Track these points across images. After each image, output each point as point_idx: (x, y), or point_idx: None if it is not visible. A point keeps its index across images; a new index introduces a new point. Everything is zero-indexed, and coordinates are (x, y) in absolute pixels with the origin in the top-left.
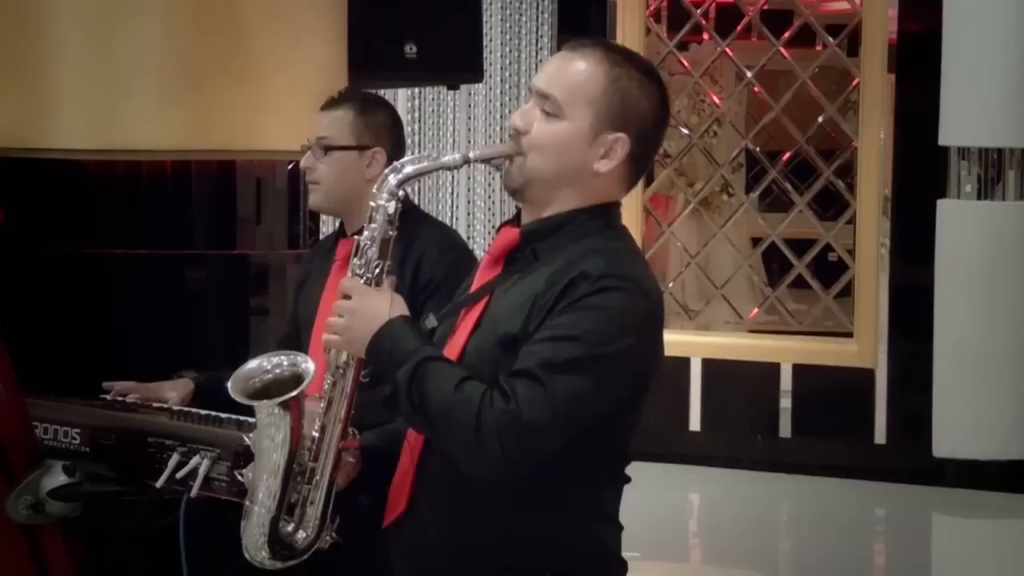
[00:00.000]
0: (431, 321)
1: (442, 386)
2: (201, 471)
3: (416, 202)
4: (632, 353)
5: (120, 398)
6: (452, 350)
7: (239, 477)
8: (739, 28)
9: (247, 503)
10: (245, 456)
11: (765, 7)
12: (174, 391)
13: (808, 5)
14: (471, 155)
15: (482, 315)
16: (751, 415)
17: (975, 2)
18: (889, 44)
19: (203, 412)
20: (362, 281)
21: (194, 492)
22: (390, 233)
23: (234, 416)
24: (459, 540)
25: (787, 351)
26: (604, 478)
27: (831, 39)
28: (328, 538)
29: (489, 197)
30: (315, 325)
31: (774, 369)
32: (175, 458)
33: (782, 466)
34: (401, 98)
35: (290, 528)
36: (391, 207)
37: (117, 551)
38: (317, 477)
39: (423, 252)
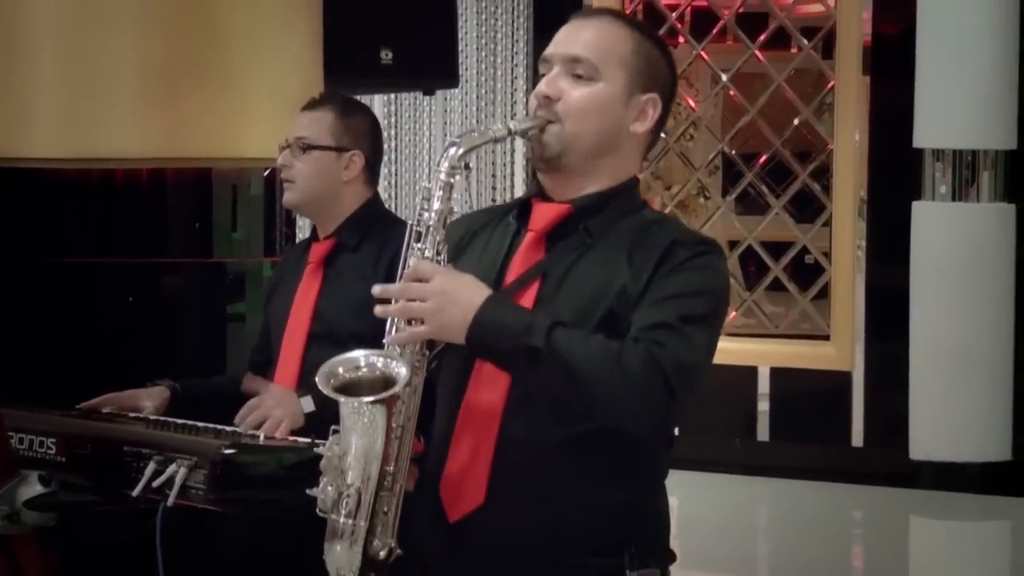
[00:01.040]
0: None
1: (586, 345)
2: (178, 480)
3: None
4: (725, 312)
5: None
6: None
7: (309, 492)
8: (714, 31)
9: (333, 517)
10: (223, 465)
11: (740, 10)
12: (149, 400)
13: (783, 8)
14: (511, 125)
15: (541, 299)
16: (729, 418)
17: (949, 4)
18: (864, 46)
19: (179, 421)
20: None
21: (171, 501)
22: (451, 211)
23: (211, 425)
24: (545, 526)
25: (764, 354)
26: (663, 447)
27: (806, 42)
28: (398, 551)
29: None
30: (286, 329)
31: (752, 372)
32: (151, 467)
33: (760, 469)
34: (377, 104)
35: (375, 543)
36: (455, 180)
37: (94, 561)
38: (397, 484)
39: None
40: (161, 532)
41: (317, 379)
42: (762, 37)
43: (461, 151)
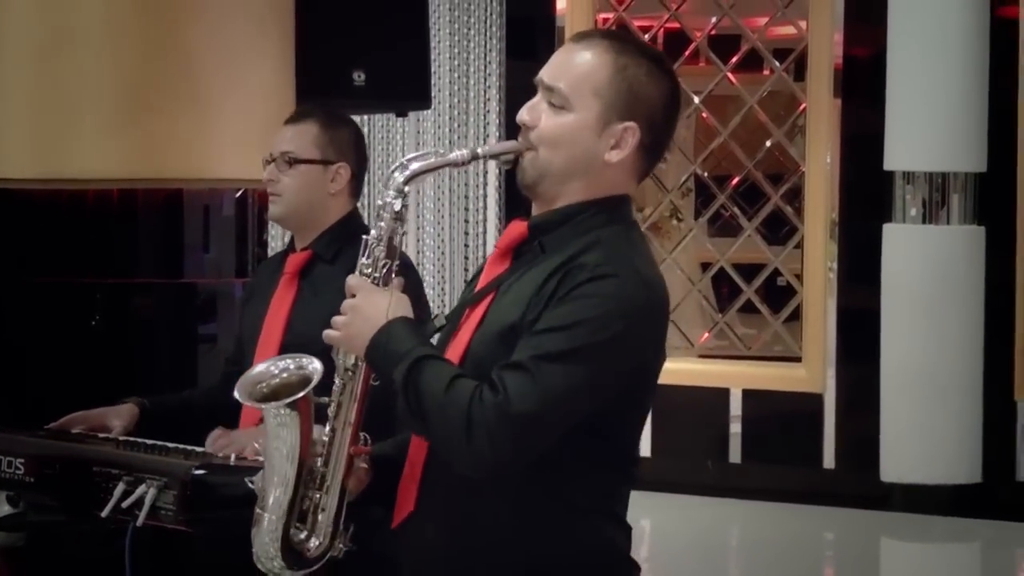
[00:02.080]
0: (440, 320)
1: (434, 384)
2: (147, 500)
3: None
4: (625, 341)
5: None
6: (457, 347)
7: (249, 484)
8: (687, 53)
9: (257, 510)
10: (192, 485)
11: (713, 32)
12: (118, 418)
13: (755, 30)
14: (480, 151)
15: (487, 311)
16: (701, 440)
17: (919, 27)
18: (835, 69)
19: (149, 441)
20: (369, 280)
21: (140, 521)
22: (398, 231)
23: (180, 445)
24: (465, 541)
25: (737, 376)
26: (610, 477)
27: (778, 64)
28: (342, 547)
29: (439, 210)
30: (259, 339)
31: (724, 394)
32: (121, 487)
33: (732, 491)
34: None
35: (303, 536)
36: (398, 204)
37: None
38: (328, 483)
39: None
40: (130, 552)
41: (236, 392)
42: (734, 59)
43: (405, 175)
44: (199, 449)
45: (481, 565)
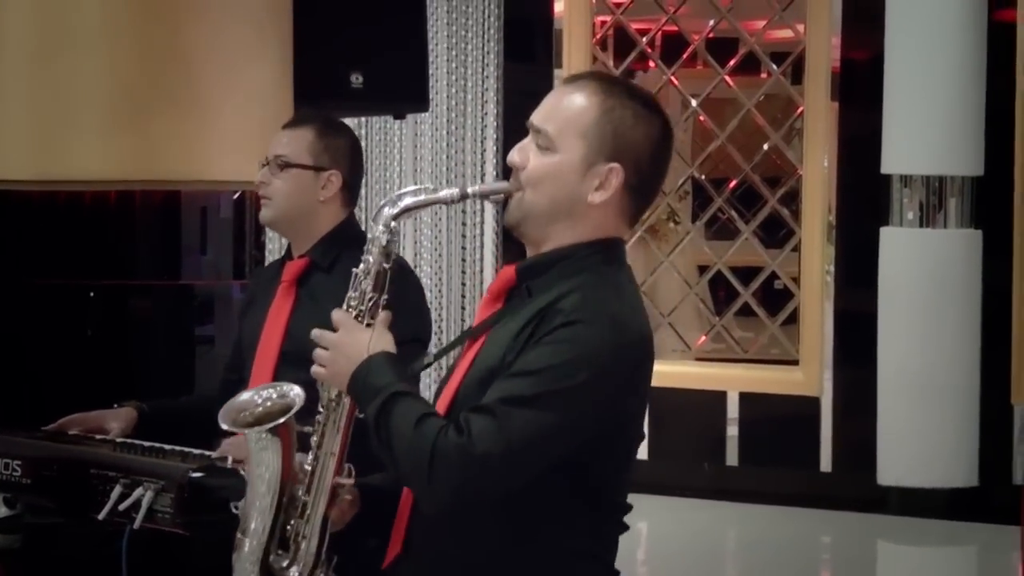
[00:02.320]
0: (429, 358)
1: (403, 422)
2: (144, 503)
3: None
4: (593, 387)
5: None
6: (448, 391)
7: (234, 510)
8: (685, 56)
9: (238, 535)
10: (190, 488)
11: (711, 36)
12: (116, 421)
13: (753, 33)
14: (469, 191)
15: (476, 355)
16: (698, 443)
17: (917, 31)
18: (832, 72)
19: (146, 444)
20: (354, 314)
21: (137, 524)
22: (385, 266)
23: (178, 448)
24: None
25: (734, 379)
26: (590, 519)
27: (775, 67)
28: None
29: (436, 238)
30: (258, 349)
31: (721, 397)
32: (118, 490)
33: (729, 494)
34: None
35: (284, 564)
36: (385, 239)
37: None
38: (309, 511)
39: None
40: (127, 555)
41: (220, 420)
42: (732, 62)
43: (395, 211)
44: (196, 452)
45: None
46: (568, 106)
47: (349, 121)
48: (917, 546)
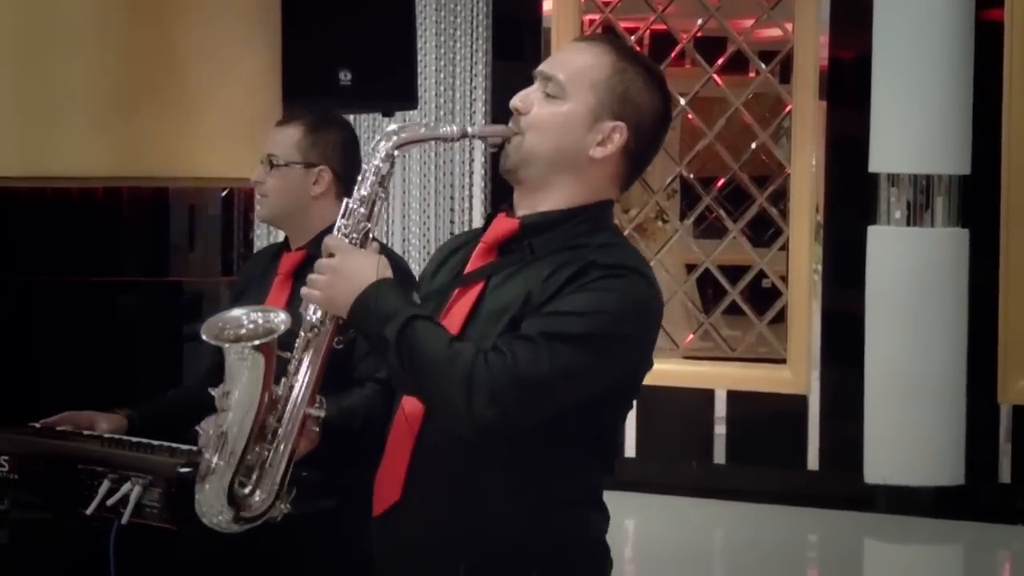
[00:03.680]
0: (415, 299)
1: (433, 343)
2: (132, 498)
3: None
4: (633, 339)
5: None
6: (449, 328)
7: (198, 430)
8: (673, 55)
9: (205, 456)
10: (178, 483)
11: (699, 34)
12: (106, 422)
13: (741, 32)
14: (469, 130)
15: (478, 304)
16: (686, 441)
17: (905, 29)
18: (820, 71)
19: (134, 439)
20: (347, 241)
21: (125, 519)
22: (380, 195)
23: (166, 443)
24: (451, 532)
25: (721, 377)
26: (593, 466)
27: (764, 66)
28: (283, 508)
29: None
30: None
31: (709, 395)
32: (105, 485)
33: (716, 492)
34: None
35: (247, 490)
36: (384, 169)
37: None
38: (280, 440)
39: None
40: (115, 550)
41: (203, 332)
42: (720, 61)
43: (393, 142)
44: (184, 447)
45: (467, 550)
46: (582, 58)
47: None
48: (904, 544)
